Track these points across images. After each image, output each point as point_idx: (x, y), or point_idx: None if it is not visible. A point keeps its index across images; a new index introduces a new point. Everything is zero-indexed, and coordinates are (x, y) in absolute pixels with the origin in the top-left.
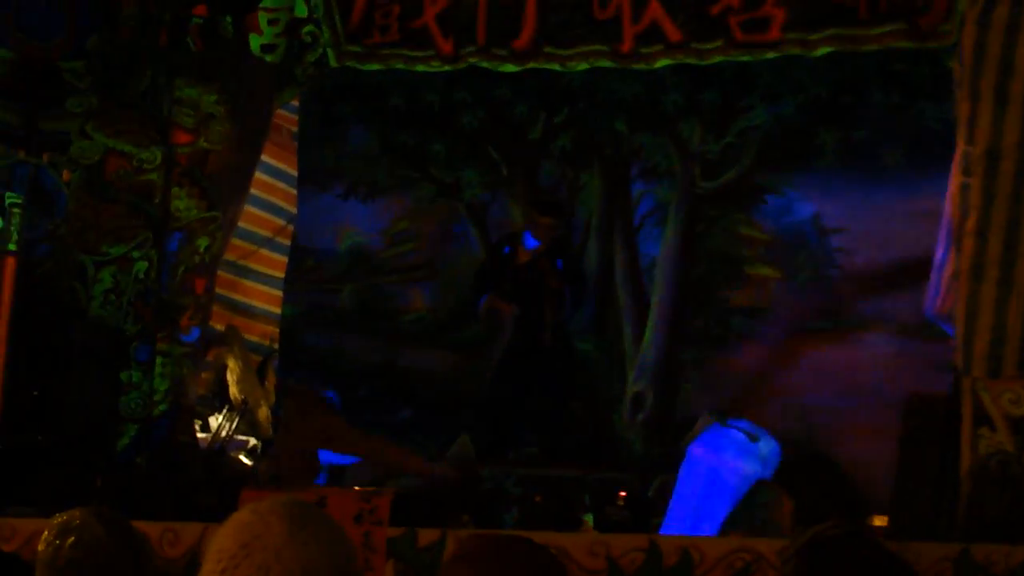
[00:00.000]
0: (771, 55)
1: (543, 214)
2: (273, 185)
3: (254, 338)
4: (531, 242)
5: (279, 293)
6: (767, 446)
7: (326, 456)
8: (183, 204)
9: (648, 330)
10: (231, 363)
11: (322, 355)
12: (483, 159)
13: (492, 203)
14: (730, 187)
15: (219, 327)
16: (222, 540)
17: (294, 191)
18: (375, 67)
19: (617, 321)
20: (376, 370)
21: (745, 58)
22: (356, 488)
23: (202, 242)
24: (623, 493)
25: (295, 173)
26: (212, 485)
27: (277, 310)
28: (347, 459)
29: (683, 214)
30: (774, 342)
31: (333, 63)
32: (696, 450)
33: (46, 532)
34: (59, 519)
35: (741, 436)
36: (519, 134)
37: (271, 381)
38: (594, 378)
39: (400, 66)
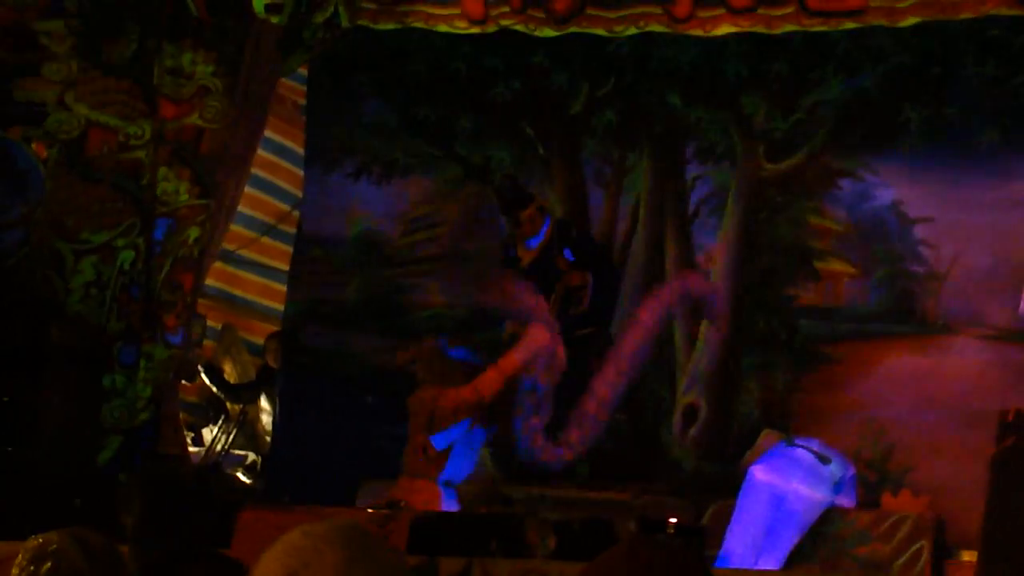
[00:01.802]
0: (850, 25)
1: (517, 209)
2: (277, 164)
3: (255, 338)
4: (531, 239)
5: (282, 288)
6: (840, 469)
7: None
8: (171, 187)
9: (702, 332)
10: (227, 367)
11: (326, 356)
12: (516, 136)
13: (527, 186)
14: (798, 170)
15: (215, 326)
16: (268, 564)
17: (300, 172)
18: (392, 27)
19: (667, 322)
20: (387, 374)
21: (820, 28)
22: (369, 510)
23: (192, 232)
24: (673, 519)
25: (301, 151)
26: (206, 506)
27: (279, 306)
28: None
29: (744, 201)
30: (847, 348)
31: (345, 23)
32: (758, 472)
33: (19, 557)
34: (33, 543)
35: (810, 457)
36: (558, 108)
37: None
38: (639, 387)
39: (420, 25)
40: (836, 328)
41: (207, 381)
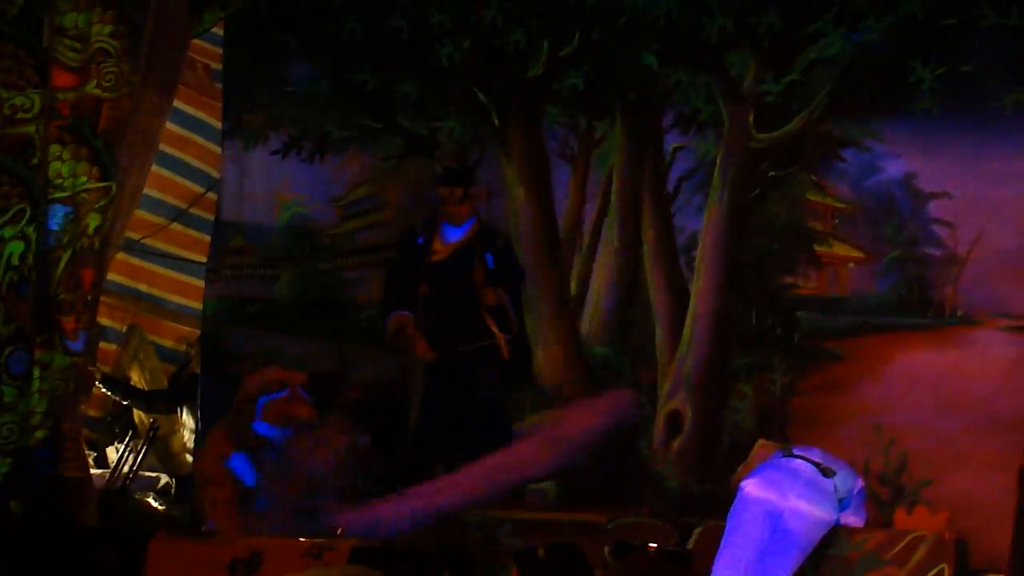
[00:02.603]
0: None
1: (438, 183)
2: (188, 139)
3: (167, 342)
4: (452, 233)
5: (199, 283)
6: (845, 482)
7: None
8: (67, 169)
9: (687, 329)
10: (135, 375)
11: (254, 363)
12: (468, 104)
13: (481, 162)
14: (794, 140)
15: (119, 327)
16: None
17: (217, 148)
18: None
19: (645, 318)
20: (324, 382)
21: None
22: (302, 539)
23: (92, 220)
24: (653, 544)
25: (218, 125)
26: (111, 536)
27: (197, 305)
28: None
29: (732, 176)
30: (852, 344)
31: None
32: (751, 487)
33: None
34: None
35: (810, 469)
36: (515, 71)
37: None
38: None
39: None
40: (840, 321)
41: (108, 393)
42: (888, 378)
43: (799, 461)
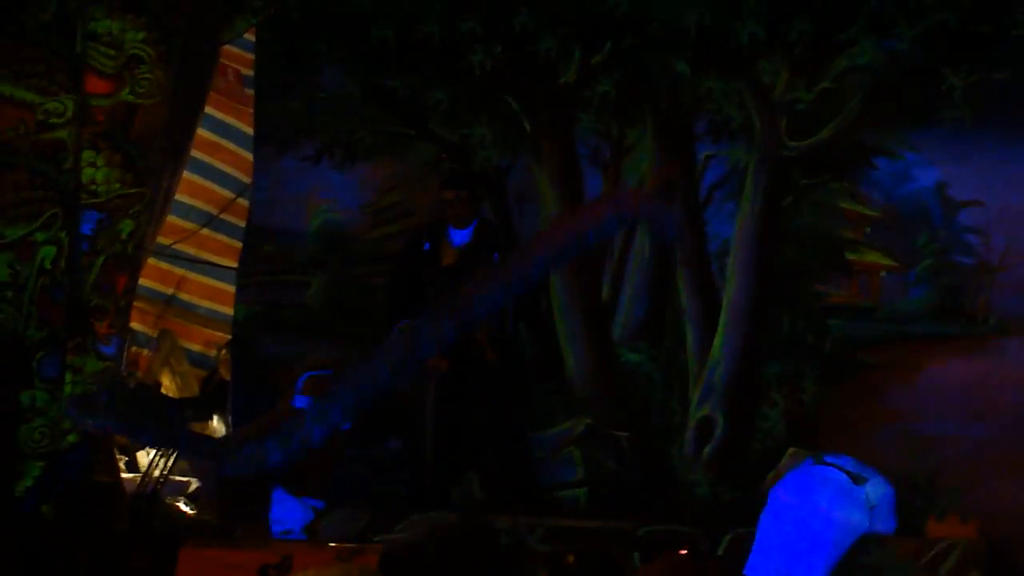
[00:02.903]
0: None
1: (443, 186)
2: (220, 146)
3: (197, 347)
4: (458, 236)
5: (230, 288)
6: (876, 489)
7: None
8: (101, 175)
9: (719, 337)
10: (166, 380)
11: (284, 368)
12: (499, 111)
13: (512, 169)
14: (827, 148)
15: (151, 332)
16: None
17: (248, 155)
18: None
19: (677, 325)
20: None
21: None
22: (332, 544)
23: (125, 226)
24: (684, 551)
25: (250, 131)
26: (142, 541)
27: (228, 310)
28: None
29: (764, 184)
30: (885, 352)
31: None
32: (782, 495)
33: None
34: None
35: (841, 477)
36: (547, 78)
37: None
38: (646, 400)
39: None
40: (872, 330)
41: None
42: (919, 386)
43: (830, 468)
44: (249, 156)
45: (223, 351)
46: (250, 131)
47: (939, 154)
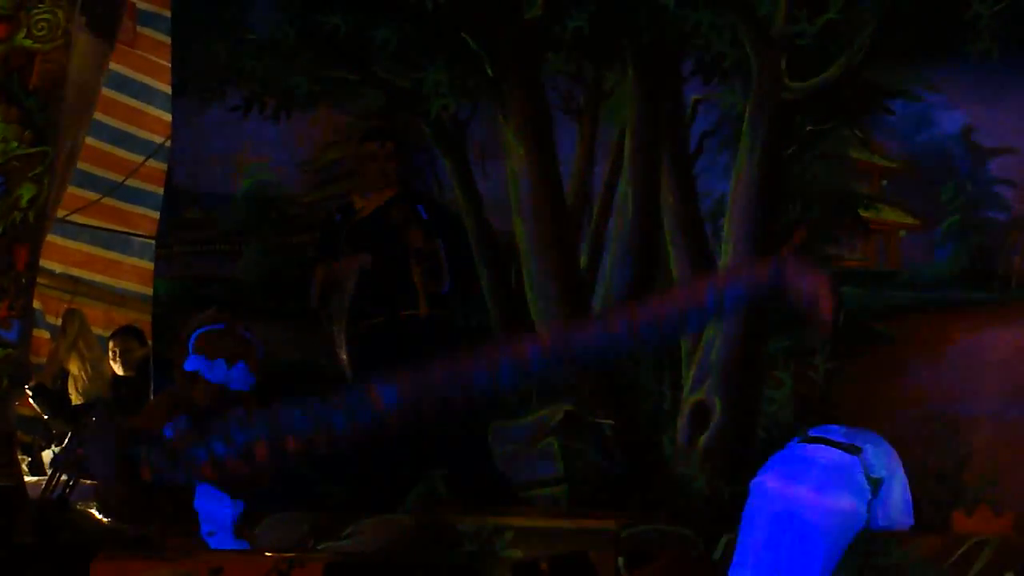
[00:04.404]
0: None
1: (364, 138)
2: (119, 102)
3: (105, 332)
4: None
5: (149, 265)
6: (877, 458)
7: None
8: None
9: None
10: (74, 367)
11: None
12: (456, 52)
13: (472, 119)
14: (834, 89)
15: (53, 317)
16: None
17: (159, 111)
18: None
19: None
20: (291, 372)
21: None
22: (268, 554)
23: (25, 191)
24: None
25: (156, 83)
26: (49, 553)
27: (147, 290)
28: None
29: (763, 132)
30: (906, 323)
31: None
32: (762, 483)
33: None
34: None
35: (830, 454)
36: (510, 12)
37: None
38: (633, 383)
39: None
40: (891, 298)
41: (36, 407)
42: (947, 361)
43: (816, 445)
44: (160, 113)
45: (111, 342)
46: (156, 83)
47: (964, 94)
